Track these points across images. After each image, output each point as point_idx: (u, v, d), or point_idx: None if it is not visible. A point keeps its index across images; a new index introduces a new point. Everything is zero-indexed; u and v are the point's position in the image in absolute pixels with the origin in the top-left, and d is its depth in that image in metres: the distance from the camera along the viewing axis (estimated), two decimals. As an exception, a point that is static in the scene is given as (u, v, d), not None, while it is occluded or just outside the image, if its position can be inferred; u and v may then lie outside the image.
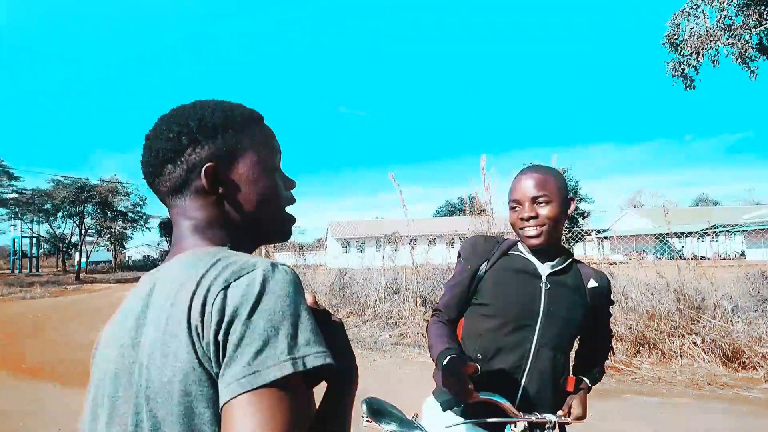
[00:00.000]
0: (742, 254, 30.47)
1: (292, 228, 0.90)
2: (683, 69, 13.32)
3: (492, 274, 1.58)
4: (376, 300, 9.04)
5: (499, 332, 1.52)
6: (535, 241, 1.51)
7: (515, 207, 1.55)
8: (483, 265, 1.59)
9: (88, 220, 38.71)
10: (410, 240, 9.47)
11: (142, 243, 62.15)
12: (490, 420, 1.39)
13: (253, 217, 0.83)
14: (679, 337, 6.29)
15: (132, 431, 0.66)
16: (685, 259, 7.67)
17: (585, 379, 1.65)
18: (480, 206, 7.95)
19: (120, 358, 0.71)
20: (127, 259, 61.29)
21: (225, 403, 0.60)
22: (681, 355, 6.14)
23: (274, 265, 0.69)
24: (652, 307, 6.61)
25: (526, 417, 1.38)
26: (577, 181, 45.38)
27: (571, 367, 1.66)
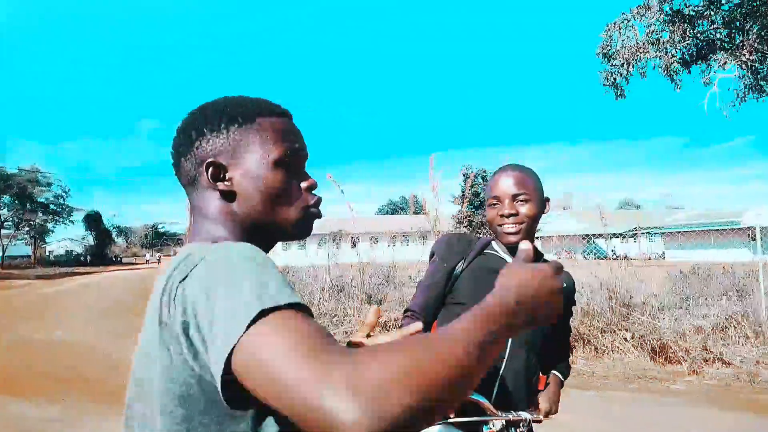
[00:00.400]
0: (662, 255, 32.68)
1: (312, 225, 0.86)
2: (614, 79, 14.07)
3: (468, 273, 1.56)
4: (320, 298, 8.94)
5: None
6: (513, 238, 1.51)
7: (495, 204, 1.54)
8: (459, 264, 1.57)
9: (4, 212, 36.01)
10: (354, 238, 9.43)
11: (64, 237, 58.43)
12: (468, 419, 1.38)
13: (260, 215, 0.80)
14: (611, 333, 6.62)
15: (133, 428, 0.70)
16: (616, 258, 8.10)
17: (557, 373, 1.66)
18: (426, 205, 8.07)
19: (135, 355, 0.74)
20: (48, 253, 57.45)
21: (222, 374, 0.54)
22: (613, 350, 6.46)
23: (228, 245, 0.68)
24: (586, 304, 6.92)
25: (504, 415, 1.39)
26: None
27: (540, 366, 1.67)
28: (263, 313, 0.54)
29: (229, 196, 0.79)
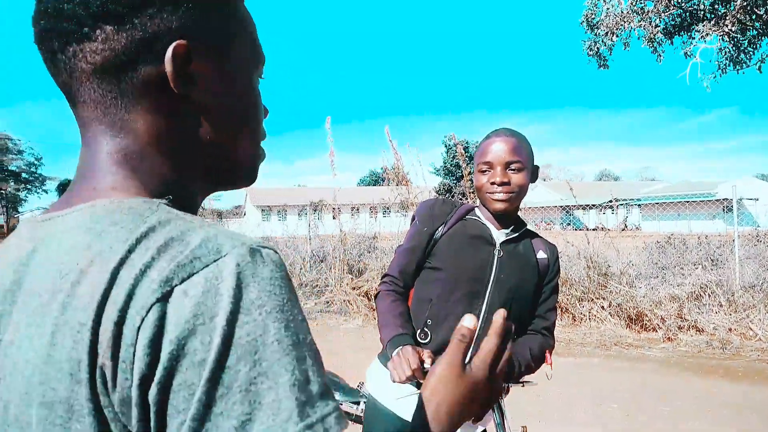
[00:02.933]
0: (638, 226, 33.31)
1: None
2: (598, 48, 13.98)
3: (447, 238, 1.52)
4: (301, 268, 8.90)
5: (449, 298, 1.48)
6: (500, 206, 1.47)
7: (486, 170, 1.49)
8: (440, 229, 1.53)
9: (-27, 182, 34.91)
10: (336, 208, 9.36)
11: (38, 207, 56.96)
12: None
13: (223, 142, 0.53)
14: (588, 301, 6.73)
15: None
16: (594, 230, 8.21)
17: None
18: (398, 176, 8.09)
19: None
20: (21, 224, 56.30)
21: None
22: (590, 318, 6.58)
23: (253, 250, 0.41)
24: (564, 274, 7.00)
25: None
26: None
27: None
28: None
29: (185, 105, 0.50)
